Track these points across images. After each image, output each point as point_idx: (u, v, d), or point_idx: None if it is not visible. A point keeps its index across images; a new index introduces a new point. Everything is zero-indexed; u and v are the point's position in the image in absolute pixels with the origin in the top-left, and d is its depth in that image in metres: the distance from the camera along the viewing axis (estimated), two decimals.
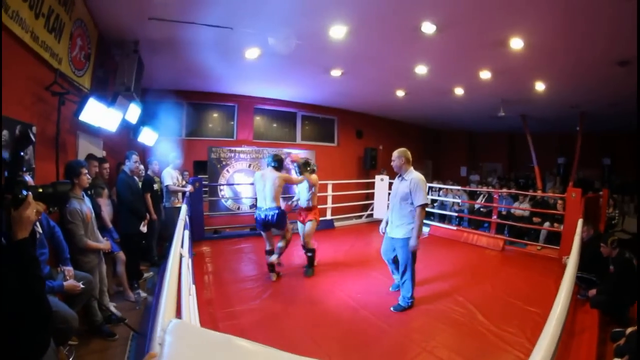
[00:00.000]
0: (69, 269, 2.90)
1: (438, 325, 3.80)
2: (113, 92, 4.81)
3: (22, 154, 1.44)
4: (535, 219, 7.75)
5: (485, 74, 7.03)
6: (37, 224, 2.66)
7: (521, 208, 8.25)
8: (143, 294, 4.47)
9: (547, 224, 7.41)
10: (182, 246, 3.03)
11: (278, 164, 5.00)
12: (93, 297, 3.33)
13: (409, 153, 4.12)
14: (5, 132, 2.66)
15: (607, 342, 3.57)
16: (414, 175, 3.98)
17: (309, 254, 5.30)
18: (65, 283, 2.68)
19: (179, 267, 2.34)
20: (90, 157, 4.32)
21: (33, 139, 1.53)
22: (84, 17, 4.06)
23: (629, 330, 3.46)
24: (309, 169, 5.34)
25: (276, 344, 1.00)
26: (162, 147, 6.85)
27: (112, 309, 3.84)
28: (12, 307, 1.34)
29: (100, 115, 4.06)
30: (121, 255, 4.22)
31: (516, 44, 5.37)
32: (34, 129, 3.16)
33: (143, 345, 3.34)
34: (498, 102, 8.98)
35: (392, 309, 4.08)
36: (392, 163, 4.19)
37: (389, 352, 3.29)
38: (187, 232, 3.83)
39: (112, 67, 5.11)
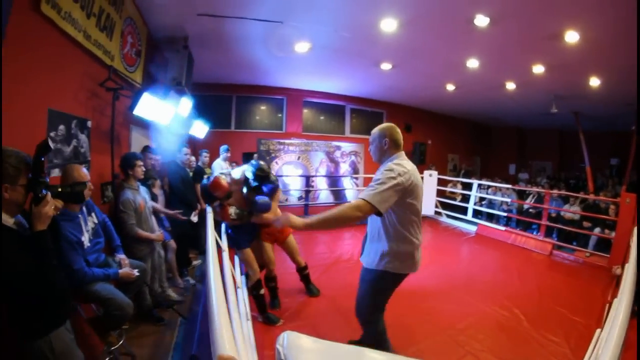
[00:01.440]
0: (122, 257, 3.01)
1: (484, 328, 3.70)
2: (165, 87, 5.00)
3: (42, 159, 1.64)
4: (586, 224, 7.25)
5: (538, 69, 6.75)
6: (93, 214, 2.85)
7: (571, 211, 7.72)
8: (192, 281, 4.66)
9: (597, 230, 6.88)
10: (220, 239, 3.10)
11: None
12: (145, 284, 3.50)
13: (395, 131, 2.56)
14: (61, 127, 2.85)
15: None
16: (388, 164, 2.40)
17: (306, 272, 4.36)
18: (120, 271, 2.79)
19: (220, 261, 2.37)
20: (146, 149, 4.55)
21: (52, 147, 1.74)
22: (134, 16, 4.24)
23: None
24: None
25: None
26: (212, 139, 7.08)
27: (170, 292, 4.03)
28: (26, 287, 1.56)
29: (153, 109, 4.20)
30: (172, 243, 4.40)
31: (572, 37, 5.12)
32: (89, 123, 3.36)
33: (191, 330, 3.50)
34: (550, 98, 8.52)
35: None
36: (369, 148, 2.73)
37: (434, 353, 3.23)
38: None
39: (162, 62, 5.30)
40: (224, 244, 3.34)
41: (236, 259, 3.90)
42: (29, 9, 2.28)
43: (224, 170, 6.19)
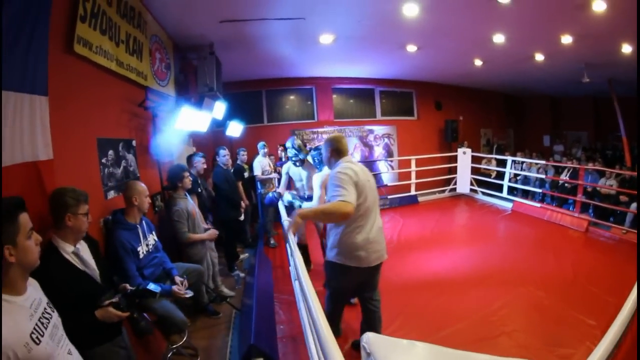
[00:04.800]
0: (178, 278, 3.08)
1: (517, 308, 3.77)
2: (198, 95, 5.24)
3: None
4: (623, 198, 6.88)
5: (566, 39, 6.54)
6: (153, 233, 3.13)
7: (607, 187, 7.33)
8: (242, 274, 4.95)
9: (634, 206, 6.46)
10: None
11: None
12: (203, 284, 3.79)
13: (337, 141, 2.85)
14: (110, 152, 3.12)
15: None
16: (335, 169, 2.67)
17: None
18: (173, 287, 2.92)
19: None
20: (193, 156, 4.72)
21: (158, 293, 2.19)
22: (158, 32, 4.48)
23: None
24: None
25: None
26: (247, 135, 7.32)
27: (223, 288, 4.33)
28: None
29: (192, 119, 4.41)
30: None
31: (598, 6, 4.98)
32: (134, 142, 3.65)
33: (246, 322, 3.75)
34: (581, 67, 8.15)
35: None
36: None
37: (469, 334, 3.33)
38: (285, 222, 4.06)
39: (190, 69, 5.55)
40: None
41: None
42: (63, 52, 2.49)
43: (265, 166, 6.43)
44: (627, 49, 6.91)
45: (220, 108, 5.87)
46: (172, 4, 4.22)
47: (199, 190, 4.51)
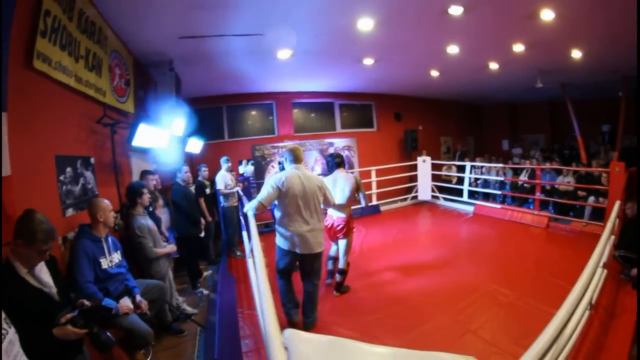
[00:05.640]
0: (137, 297, 3.12)
1: (483, 306, 3.91)
2: (157, 111, 5.19)
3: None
4: (580, 193, 7.43)
5: (518, 47, 6.84)
6: (119, 252, 3.20)
7: (565, 184, 7.90)
8: (205, 292, 4.89)
9: (591, 199, 7.04)
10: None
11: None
12: (165, 302, 3.74)
13: (291, 151, 3.69)
14: (69, 169, 3.05)
15: None
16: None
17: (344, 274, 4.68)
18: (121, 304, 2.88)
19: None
20: (145, 172, 4.77)
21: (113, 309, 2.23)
22: (118, 48, 4.42)
23: None
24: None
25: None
26: (208, 151, 7.29)
27: (185, 306, 4.27)
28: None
29: (150, 136, 4.35)
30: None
31: (547, 15, 5.21)
32: (92, 159, 3.57)
33: (211, 339, 3.73)
34: (535, 73, 8.56)
35: None
36: None
37: (435, 333, 3.45)
38: (244, 233, 4.12)
39: (151, 85, 5.50)
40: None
41: None
42: (22, 67, 2.44)
43: (228, 181, 6.42)
44: (576, 54, 7.27)
45: (179, 124, 5.83)
46: (133, 19, 4.18)
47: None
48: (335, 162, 4.77)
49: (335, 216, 4.51)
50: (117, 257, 3.14)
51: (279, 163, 5.17)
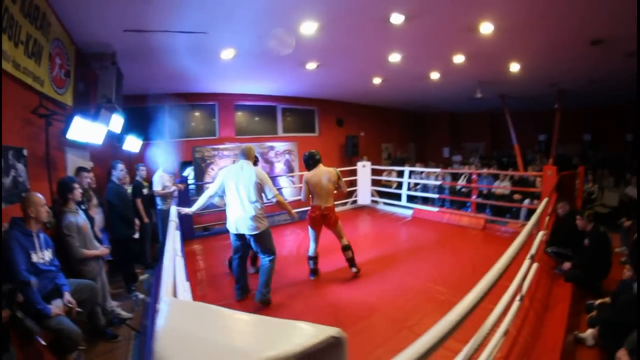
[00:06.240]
0: (67, 297, 3.07)
1: (419, 304, 4.09)
2: (95, 105, 4.95)
3: None
4: (516, 197, 8.04)
5: (459, 58, 7.14)
6: (50, 250, 3.14)
7: (500, 187, 8.53)
8: (141, 296, 4.72)
9: (527, 202, 7.72)
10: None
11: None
12: (96, 304, 3.58)
13: (241, 150, 4.31)
14: None
15: (582, 314, 3.90)
16: None
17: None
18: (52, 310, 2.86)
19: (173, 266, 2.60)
20: (80, 169, 4.52)
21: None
22: (61, 36, 4.17)
23: (598, 301, 3.82)
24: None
25: None
26: (148, 152, 7.02)
27: (119, 310, 4.09)
28: None
29: (86, 130, 4.22)
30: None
31: (486, 28, 5.46)
32: (25, 151, 3.34)
33: (145, 343, 3.61)
34: (475, 84, 9.08)
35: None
36: None
37: (370, 330, 3.58)
38: (178, 233, 4.06)
39: (92, 79, 5.23)
40: (178, 249, 3.51)
41: None
42: None
43: (166, 182, 6.22)
44: (515, 67, 7.64)
45: (117, 121, 5.61)
46: (79, 7, 3.98)
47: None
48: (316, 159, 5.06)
49: (323, 206, 4.92)
50: (48, 255, 3.08)
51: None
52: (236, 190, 4.03)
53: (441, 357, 1.67)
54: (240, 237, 4.18)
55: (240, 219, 4.05)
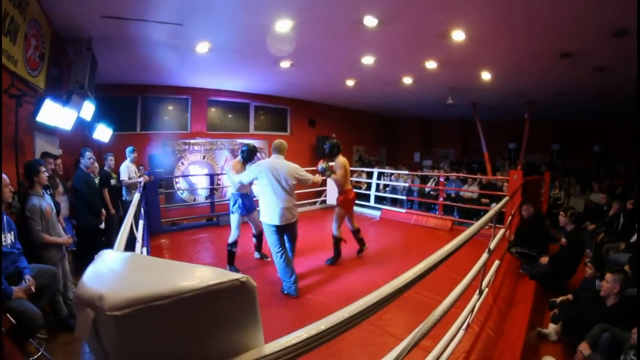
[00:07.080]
0: (26, 276, 3.04)
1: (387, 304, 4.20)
2: (67, 91, 4.84)
3: None
4: (484, 200, 8.34)
5: (431, 64, 7.20)
6: (13, 233, 3.05)
7: (468, 190, 8.84)
8: None
9: (494, 205, 8.03)
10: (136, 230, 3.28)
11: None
12: (58, 292, 3.50)
13: (274, 145, 4.51)
14: None
15: (546, 311, 4.12)
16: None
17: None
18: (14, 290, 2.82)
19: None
20: (45, 154, 4.40)
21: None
22: (38, 17, 4.06)
23: (560, 299, 4.06)
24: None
25: None
26: (118, 142, 6.88)
27: None
28: None
29: (56, 115, 4.14)
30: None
31: (458, 36, 5.54)
32: None
33: None
34: (447, 90, 9.25)
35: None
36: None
37: (350, 335, 3.65)
38: (141, 222, 3.97)
39: (66, 64, 5.11)
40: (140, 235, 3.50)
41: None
42: None
43: (132, 173, 6.11)
44: (486, 76, 7.76)
45: (89, 108, 5.49)
46: None
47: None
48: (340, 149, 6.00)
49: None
50: (10, 237, 3.01)
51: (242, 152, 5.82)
52: (277, 183, 4.18)
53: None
54: (279, 230, 4.27)
55: (284, 209, 4.21)
